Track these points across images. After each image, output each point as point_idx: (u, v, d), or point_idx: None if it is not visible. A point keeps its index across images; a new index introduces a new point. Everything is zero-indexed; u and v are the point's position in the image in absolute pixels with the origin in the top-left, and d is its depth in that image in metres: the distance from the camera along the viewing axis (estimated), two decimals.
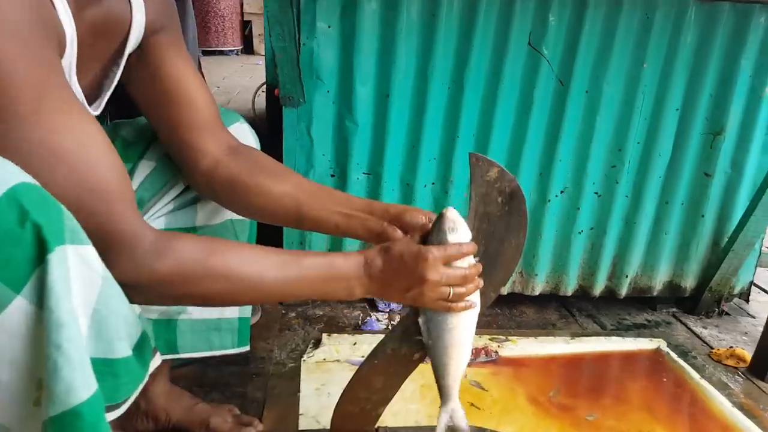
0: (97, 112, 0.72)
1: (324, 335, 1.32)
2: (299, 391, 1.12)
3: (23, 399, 0.46)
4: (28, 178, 0.45)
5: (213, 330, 0.91)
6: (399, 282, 0.70)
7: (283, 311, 1.46)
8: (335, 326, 1.42)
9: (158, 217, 0.85)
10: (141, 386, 0.65)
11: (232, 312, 0.93)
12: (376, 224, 0.76)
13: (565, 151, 1.45)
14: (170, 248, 0.59)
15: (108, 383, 0.55)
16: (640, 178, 1.50)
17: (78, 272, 0.46)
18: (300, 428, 1.01)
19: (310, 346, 1.30)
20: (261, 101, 2.81)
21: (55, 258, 0.44)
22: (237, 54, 5.96)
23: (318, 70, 1.34)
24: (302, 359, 1.23)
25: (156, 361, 0.73)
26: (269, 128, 1.43)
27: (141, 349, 0.66)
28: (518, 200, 0.81)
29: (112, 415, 0.57)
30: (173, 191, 0.86)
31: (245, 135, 0.91)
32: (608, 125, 1.44)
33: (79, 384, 0.45)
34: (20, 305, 0.44)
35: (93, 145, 0.54)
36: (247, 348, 0.97)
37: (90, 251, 0.48)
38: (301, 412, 1.06)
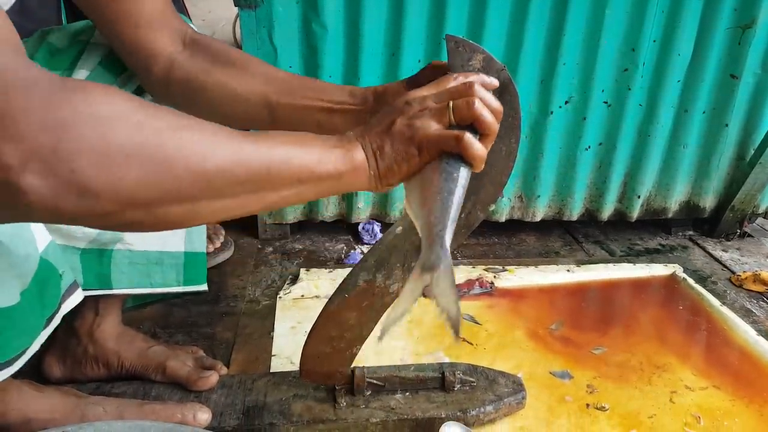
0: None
1: (302, 270, 1.22)
2: (273, 331, 1.03)
3: None
4: None
5: (154, 264, 0.79)
6: (381, 122, 0.51)
7: (259, 246, 1.35)
8: (316, 261, 1.32)
9: None
10: (43, 335, 0.57)
11: (176, 244, 0.81)
12: (364, 115, 0.64)
13: (569, 54, 1.25)
14: (84, 87, 0.38)
15: None
16: (655, 84, 1.31)
17: None
18: (271, 370, 0.92)
19: (287, 282, 1.20)
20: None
21: None
22: None
23: None
24: (278, 296, 1.14)
25: (74, 299, 0.64)
26: None
27: (40, 291, 0.55)
28: (509, 95, 0.66)
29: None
30: None
31: None
32: (619, 21, 1.24)
33: None
34: None
35: None
36: (202, 287, 0.87)
37: None
38: (273, 352, 0.97)
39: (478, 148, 0.49)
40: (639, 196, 1.42)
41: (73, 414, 0.69)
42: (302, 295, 1.15)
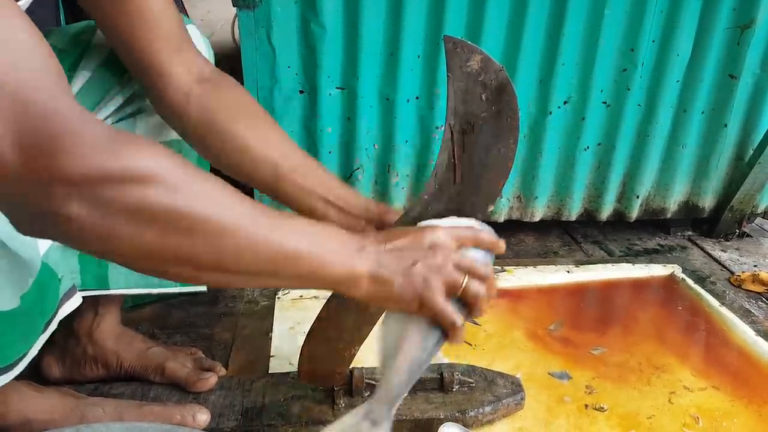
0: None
1: None
2: (271, 332, 1.02)
3: None
4: None
5: None
6: (403, 255, 0.53)
7: None
8: None
9: None
10: (41, 339, 0.57)
11: None
12: (355, 223, 0.67)
13: (568, 54, 1.25)
14: (132, 141, 0.41)
15: None
16: (654, 84, 1.31)
17: None
18: (270, 371, 0.92)
19: None
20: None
21: None
22: None
23: None
24: (276, 297, 1.13)
25: (72, 303, 0.64)
26: None
27: (40, 295, 0.56)
28: (507, 96, 0.67)
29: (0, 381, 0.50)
30: (112, 105, 0.72)
31: (195, 39, 0.77)
32: (618, 21, 1.24)
33: None
34: None
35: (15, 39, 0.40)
36: (200, 288, 0.88)
37: None
38: (272, 353, 0.97)
39: (461, 337, 0.54)
40: (638, 197, 1.42)
41: (73, 415, 0.69)
42: (301, 296, 1.14)
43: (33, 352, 0.58)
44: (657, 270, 1.29)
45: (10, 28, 0.39)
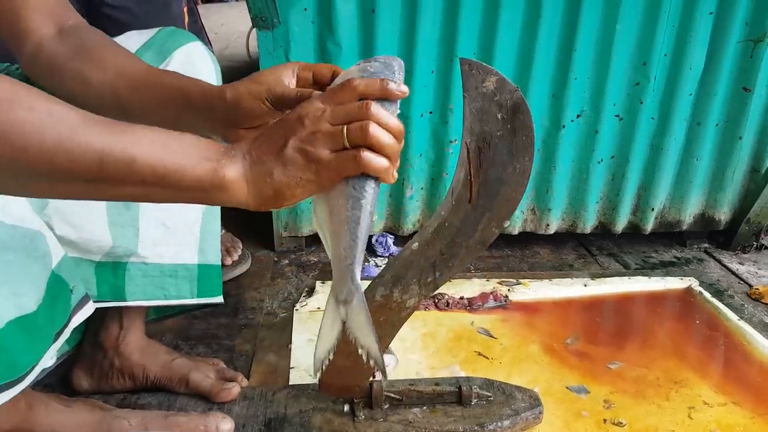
0: None
1: (318, 283, 1.23)
2: (290, 343, 1.04)
3: None
4: None
5: (168, 276, 0.80)
6: (271, 140, 0.47)
7: (276, 258, 1.37)
8: (330, 273, 1.31)
9: None
10: (52, 349, 0.57)
11: (190, 257, 0.82)
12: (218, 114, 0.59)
13: (580, 69, 1.27)
14: None
15: None
16: (667, 97, 1.32)
17: None
18: (290, 383, 0.93)
19: (304, 294, 1.22)
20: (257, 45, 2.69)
21: None
22: (236, 0, 5.81)
23: None
24: (295, 309, 1.15)
25: (85, 311, 0.65)
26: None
27: (51, 305, 0.56)
28: (522, 115, 0.69)
29: (11, 393, 0.50)
30: None
31: (199, 57, 0.79)
32: (630, 36, 1.25)
33: None
34: None
35: None
36: (218, 299, 0.88)
37: None
38: (292, 365, 0.98)
39: (379, 162, 0.46)
40: (653, 209, 1.42)
41: (100, 427, 0.71)
42: (318, 308, 1.16)
43: (43, 362, 0.58)
44: (673, 283, 1.29)
45: None
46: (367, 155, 0.46)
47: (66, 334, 0.63)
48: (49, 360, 0.58)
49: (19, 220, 0.56)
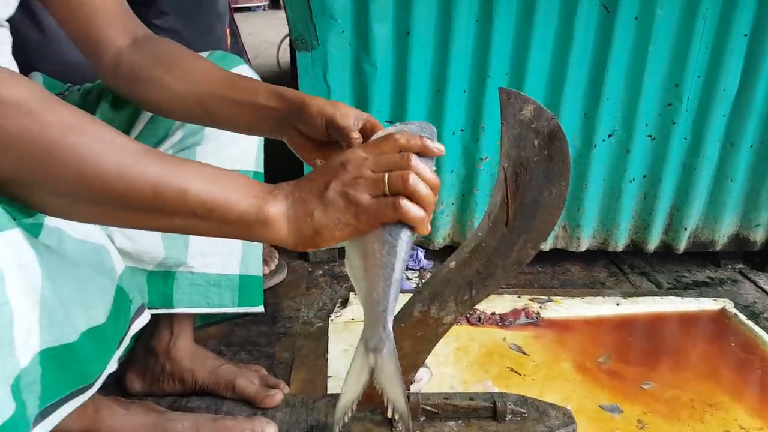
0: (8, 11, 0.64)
1: (351, 294, 1.27)
2: (327, 353, 1.07)
3: None
4: None
5: (212, 286, 0.84)
6: (314, 182, 0.49)
7: (310, 269, 1.41)
8: None
9: None
10: (115, 356, 0.61)
11: (233, 268, 0.86)
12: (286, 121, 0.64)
13: (612, 89, 1.28)
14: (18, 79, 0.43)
15: (74, 370, 0.51)
16: (700, 118, 1.32)
17: (10, 260, 0.42)
18: (328, 392, 0.96)
19: (338, 305, 1.25)
20: (286, 55, 2.74)
21: None
22: (264, 9, 5.91)
23: (331, 7, 1.21)
24: (329, 319, 1.19)
25: (141, 320, 0.68)
26: (293, 80, 1.34)
27: (115, 315, 0.60)
28: (559, 142, 0.71)
29: (82, 398, 0.53)
30: (174, 137, 0.79)
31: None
32: (662, 57, 1.26)
33: None
34: None
35: None
36: (258, 309, 0.91)
37: (16, 234, 0.44)
38: (329, 374, 1.02)
39: (416, 211, 0.48)
40: (686, 228, 1.41)
41: (155, 429, 0.75)
42: (352, 318, 1.19)
43: (109, 368, 0.61)
44: (707, 304, 1.28)
45: None
46: (406, 203, 0.48)
47: (126, 341, 0.66)
48: (113, 366, 0.62)
49: (86, 234, 0.60)
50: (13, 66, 0.73)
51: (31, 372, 0.45)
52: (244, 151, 0.83)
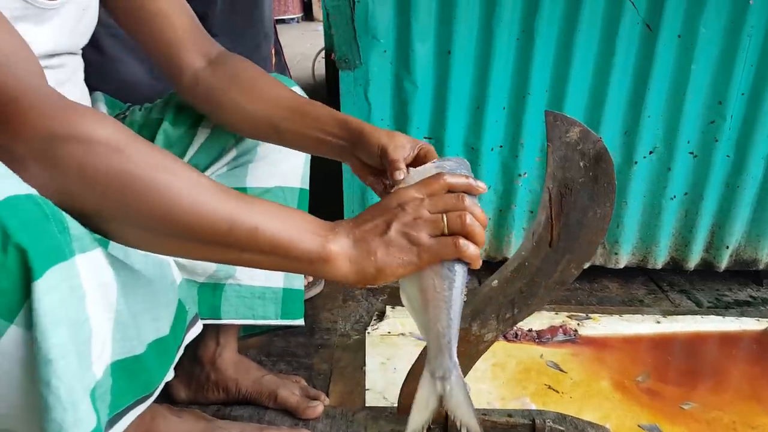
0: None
1: (388, 308, 1.29)
2: (364, 365, 1.10)
3: None
4: (19, 190, 0.41)
5: (257, 298, 0.87)
6: (374, 222, 0.52)
7: None
8: (397, 297, 1.36)
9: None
10: (172, 367, 0.64)
11: (277, 281, 0.89)
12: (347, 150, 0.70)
13: (654, 106, 1.28)
14: (81, 109, 0.47)
15: (139, 379, 0.54)
16: (743, 135, 1.30)
17: (93, 280, 0.45)
18: (367, 404, 0.99)
19: (374, 318, 1.27)
20: (321, 67, 2.79)
21: (41, 287, 0.40)
22: (297, 21, 6.00)
23: (374, 28, 1.25)
24: (366, 332, 1.21)
25: (195, 330, 0.72)
26: (328, 94, 1.38)
27: (174, 325, 0.64)
28: (605, 164, 0.73)
29: (144, 406, 0.56)
30: (228, 155, 0.83)
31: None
32: (705, 75, 1.25)
33: (69, 425, 0.42)
34: (15, 335, 0.41)
35: None
36: (299, 322, 0.94)
37: (98, 255, 0.47)
38: (367, 386, 1.04)
39: (473, 250, 0.52)
40: (727, 247, 1.39)
41: None
42: (389, 332, 1.21)
43: (167, 377, 0.64)
44: (749, 324, 1.26)
45: None
46: (465, 242, 0.52)
47: (181, 350, 0.69)
48: (171, 374, 0.65)
49: None
50: (86, 90, 0.78)
51: (104, 383, 0.48)
52: (292, 169, 0.87)
